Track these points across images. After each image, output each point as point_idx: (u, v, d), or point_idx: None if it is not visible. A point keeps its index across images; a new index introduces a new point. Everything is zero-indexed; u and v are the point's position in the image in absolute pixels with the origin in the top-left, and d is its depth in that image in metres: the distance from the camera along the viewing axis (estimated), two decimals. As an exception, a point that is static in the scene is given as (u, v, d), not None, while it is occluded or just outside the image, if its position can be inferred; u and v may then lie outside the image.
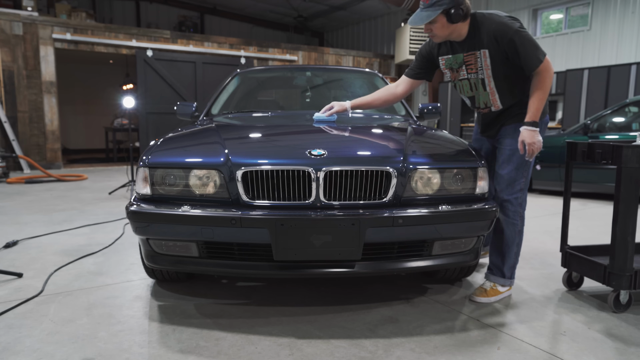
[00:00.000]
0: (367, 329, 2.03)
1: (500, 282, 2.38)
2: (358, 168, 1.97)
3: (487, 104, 2.32)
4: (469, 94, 2.36)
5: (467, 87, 2.35)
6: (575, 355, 1.82)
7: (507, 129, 2.31)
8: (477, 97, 2.35)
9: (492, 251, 2.42)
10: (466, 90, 2.36)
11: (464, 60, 2.28)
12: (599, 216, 4.64)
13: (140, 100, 8.99)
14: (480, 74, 2.25)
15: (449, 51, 2.32)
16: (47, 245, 3.37)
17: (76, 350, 1.81)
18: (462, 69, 2.31)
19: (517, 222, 2.32)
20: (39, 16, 8.36)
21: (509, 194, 2.28)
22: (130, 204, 2.06)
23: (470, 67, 2.27)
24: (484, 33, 2.17)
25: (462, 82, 2.35)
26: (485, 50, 2.19)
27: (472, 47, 2.22)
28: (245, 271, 2.02)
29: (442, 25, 2.16)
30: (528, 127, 2.14)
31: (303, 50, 11.00)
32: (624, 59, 8.23)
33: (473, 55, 2.24)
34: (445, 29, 2.17)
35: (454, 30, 2.19)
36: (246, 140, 2.37)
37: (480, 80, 2.27)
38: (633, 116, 5.63)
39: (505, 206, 2.30)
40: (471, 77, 2.30)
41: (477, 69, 2.25)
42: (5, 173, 7.04)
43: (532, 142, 2.12)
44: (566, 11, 9.33)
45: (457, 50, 2.29)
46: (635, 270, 2.17)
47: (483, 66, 2.23)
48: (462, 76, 2.34)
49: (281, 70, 4.10)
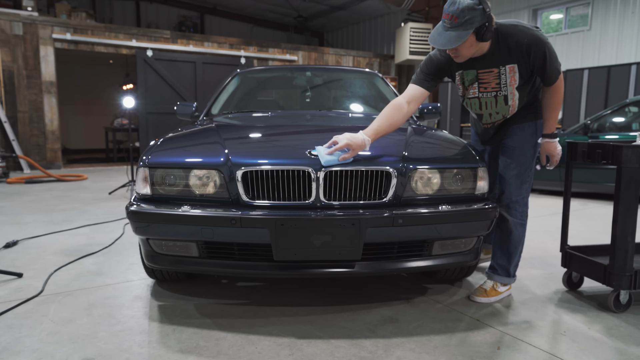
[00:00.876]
0: (367, 329, 2.03)
1: (504, 281, 2.37)
2: (358, 168, 1.97)
3: (506, 115, 2.23)
4: (478, 111, 2.27)
5: (477, 106, 2.23)
6: (575, 355, 1.82)
7: (514, 129, 2.27)
8: (491, 115, 2.23)
9: (498, 251, 2.38)
10: (476, 108, 2.26)
11: (477, 77, 2.15)
12: (599, 216, 4.64)
13: (140, 100, 8.99)
14: (504, 91, 2.12)
15: (462, 65, 2.16)
16: (47, 245, 3.37)
17: (76, 350, 1.81)
18: (473, 86, 2.17)
19: (525, 222, 2.32)
20: (39, 16, 8.36)
21: (518, 195, 2.28)
22: (130, 204, 2.06)
23: (485, 85, 2.14)
24: (513, 46, 2.02)
25: (472, 101, 2.24)
26: (513, 65, 2.06)
27: (493, 63, 2.08)
28: (245, 271, 2.02)
29: (471, 44, 1.98)
30: (550, 140, 2.20)
31: (303, 50, 11.00)
32: (624, 59, 8.23)
33: (491, 73, 2.10)
34: (473, 48, 2.00)
35: (479, 49, 2.03)
36: (246, 140, 2.37)
37: (502, 97, 2.14)
38: (633, 116, 5.63)
39: (514, 207, 2.28)
40: (484, 95, 2.17)
41: (500, 86, 2.12)
42: (5, 173, 7.04)
43: (557, 153, 2.20)
44: (566, 11, 9.33)
45: (470, 66, 2.13)
46: (635, 270, 2.17)
47: (507, 83, 2.10)
48: (471, 94, 2.21)
49: (281, 70, 4.10)
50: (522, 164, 2.26)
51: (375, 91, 3.64)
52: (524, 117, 2.26)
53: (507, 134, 2.30)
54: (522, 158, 2.25)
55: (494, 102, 2.18)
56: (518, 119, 2.27)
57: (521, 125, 2.26)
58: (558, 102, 2.14)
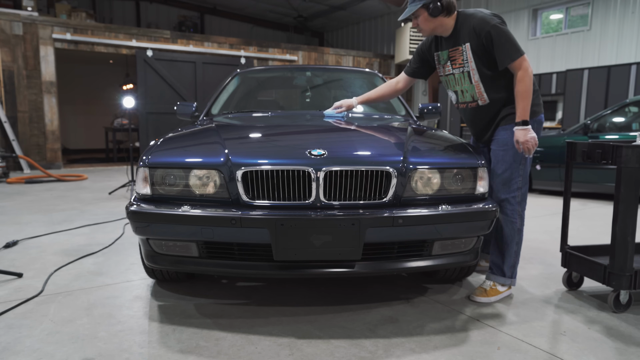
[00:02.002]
0: (367, 329, 2.03)
1: (500, 281, 2.38)
2: (358, 168, 1.97)
3: (474, 97, 2.39)
4: (454, 87, 2.47)
5: (453, 82, 2.46)
6: (575, 355, 1.82)
7: (499, 131, 2.37)
8: (463, 92, 2.43)
9: (493, 250, 2.43)
10: (452, 85, 2.48)
11: (448, 56, 2.41)
12: (599, 216, 4.64)
13: (140, 100, 8.99)
14: (466, 67, 2.35)
15: (438, 48, 2.47)
16: (47, 245, 3.37)
17: (76, 350, 1.81)
18: (447, 64, 2.44)
19: (516, 221, 2.34)
20: (39, 16, 8.36)
21: (506, 193, 2.33)
22: (130, 204, 2.06)
23: (455, 62, 2.39)
24: (466, 27, 2.29)
25: (448, 77, 2.47)
26: (467, 43, 2.30)
27: (456, 42, 2.35)
28: (245, 271, 2.02)
29: (425, 19, 2.30)
30: (519, 127, 2.22)
31: (303, 50, 11.00)
32: (624, 59, 8.23)
33: (457, 51, 2.36)
34: (429, 22, 2.31)
35: (438, 25, 2.32)
36: (246, 140, 2.37)
37: (466, 73, 2.36)
38: (633, 116, 5.63)
39: (503, 205, 2.34)
40: (456, 71, 2.41)
41: (463, 63, 2.35)
42: (5, 173, 7.04)
43: (526, 140, 2.20)
44: (566, 11, 9.33)
45: (444, 47, 2.43)
46: (635, 270, 2.17)
47: (468, 59, 2.33)
48: (447, 71, 2.46)
49: (281, 70, 4.10)
50: (507, 164, 2.31)
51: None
52: (506, 118, 2.34)
53: (494, 135, 2.40)
54: (507, 157, 2.31)
55: (461, 77, 2.40)
56: (502, 119, 2.36)
57: (504, 126, 2.35)
58: (524, 91, 2.20)
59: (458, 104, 2.51)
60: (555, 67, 9.19)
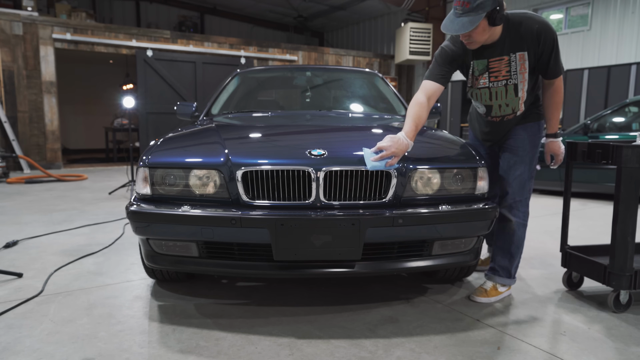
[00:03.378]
0: (367, 329, 2.03)
1: (503, 282, 2.37)
2: (358, 168, 1.97)
3: (515, 110, 2.20)
4: (487, 102, 2.23)
5: (487, 96, 2.21)
6: (575, 355, 1.82)
7: (517, 129, 2.29)
8: (501, 106, 2.21)
9: (499, 253, 2.37)
10: (485, 99, 2.22)
11: (487, 66, 2.14)
12: (599, 216, 4.64)
13: (140, 100, 8.99)
14: (514, 79, 2.12)
15: (473, 55, 2.16)
16: (47, 245, 3.37)
17: (76, 350, 1.81)
18: (483, 76, 2.16)
19: (527, 223, 2.34)
20: (39, 16, 8.36)
21: (521, 195, 2.29)
22: (130, 204, 2.06)
23: (495, 74, 2.14)
24: (523, 33, 2.03)
25: (482, 91, 2.21)
26: (523, 52, 2.07)
27: (503, 51, 2.09)
28: (245, 271, 2.02)
29: (483, 29, 1.98)
30: (554, 139, 2.23)
31: (303, 50, 11.00)
32: (624, 59, 8.23)
33: (502, 61, 2.10)
34: (485, 33, 2.00)
35: (491, 34, 2.03)
36: (246, 140, 2.37)
37: (512, 85, 2.13)
38: (633, 116, 5.63)
39: (517, 207, 2.29)
40: (494, 85, 2.16)
41: (510, 74, 2.11)
42: (5, 173, 7.04)
43: (561, 152, 2.23)
44: (566, 11, 9.33)
45: (481, 56, 2.13)
46: (635, 270, 2.17)
47: (518, 70, 2.09)
48: (481, 84, 2.19)
49: (281, 70, 4.10)
50: (526, 164, 2.27)
51: (375, 91, 3.64)
52: (526, 117, 2.28)
53: (511, 134, 2.31)
54: (526, 158, 2.27)
55: (504, 91, 2.16)
56: (521, 119, 2.28)
57: (524, 125, 2.28)
58: (559, 102, 2.18)
59: (490, 117, 2.27)
60: (555, 67, 9.19)
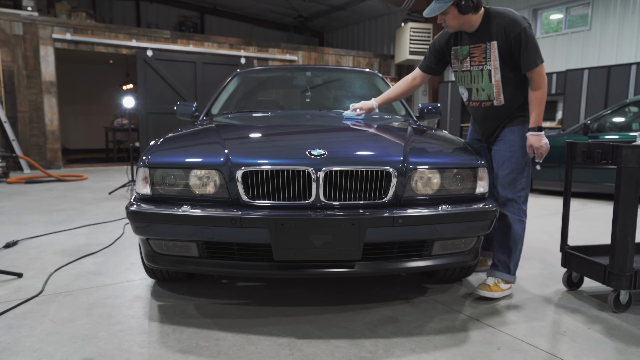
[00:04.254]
0: (367, 329, 2.03)
1: (505, 277, 2.40)
2: (358, 168, 1.97)
3: (490, 97, 2.38)
4: (468, 85, 2.45)
5: (468, 79, 2.44)
6: (575, 355, 1.82)
7: (506, 131, 2.40)
8: (479, 90, 2.41)
9: (498, 248, 2.44)
10: (467, 82, 2.45)
11: (469, 51, 2.38)
12: (599, 216, 4.64)
13: (140, 100, 8.99)
14: (488, 65, 2.33)
15: (457, 42, 2.44)
16: (47, 245, 3.37)
17: (76, 350, 1.81)
18: (466, 60, 2.41)
19: (524, 218, 2.40)
20: (39, 16, 8.36)
21: (513, 193, 2.37)
22: (130, 204, 2.06)
23: (474, 59, 2.37)
24: (494, 25, 2.27)
25: (464, 74, 2.45)
26: (494, 42, 2.28)
27: (480, 39, 2.33)
28: (245, 271, 2.02)
29: (454, 16, 2.27)
30: (534, 133, 2.28)
31: (303, 50, 11.00)
32: (624, 59, 8.23)
33: (479, 47, 2.34)
34: (457, 19, 2.28)
35: (466, 21, 2.29)
36: (246, 140, 2.37)
37: (487, 71, 2.34)
38: (633, 116, 5.63)
39: (510, 204, 2.38)
40: (473, 69, 2.39)
41: (485, 60, 2.33)
42: (5, 173, 7.04)
43: (540, 145, 2.27)
44: (566, 11, 9.32)
45: (465, 42, 2.39)
46: (635, 270, 2.17)
47: (491, 57, 2.31)
48: (464, 67, 2.43)
49: (281, 70, 4.10)
50: (514, 164, 2.36)
51: (375, 91, 3.63)
52: (514, 119, 2.38)
53: (499, 136, 2.43)
54: (513, 159, 2.36)
55: (480, 76, 2.38)
56: (509, 121, 2.39)
57: (511, 128, 2.39)
58: (540, 97, 2.27)
59: (470, 101, 2.49)
60: (555, 67, 9.19)
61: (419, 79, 2.66)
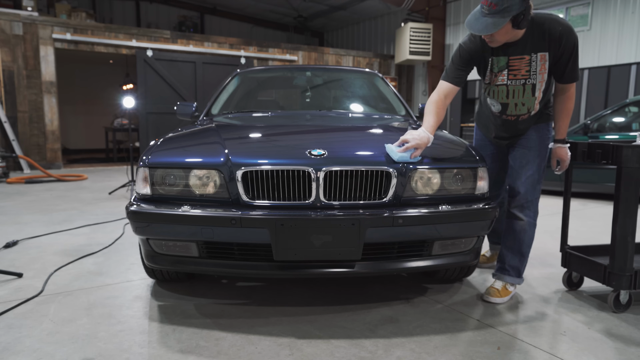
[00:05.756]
0: (367, 329, 2.03)
1: (514, 281, 2.38)
2: (358, 168, 1.97)
3: (530, 110, 2.22)
4: (503, 100, 2.24)
5: (504, 93, 2.22)
6: (575, 355, 1.82)
7: (531, 131, 2.32)
8: (517, 105, 2.22)
9: (509, 253, 2.38)
10: (502, 97, 2.24)
11: (507, 64, 2.15)
12: (599, 216, 4.64)
13: (140, 100, 8.99)
14: (533, 79, 2.14)
15: (494, 52, 2.17)
16: (47, 245, 3.37)
17: (76, 350, 1.81)
18: (502, 73, 2.17)
19: (536, 222, 2.37)
20: (39, 16, 8.36)
21: (533, 195, 2.31)
22: (130, 204, 2.06)
23: (514, 72, 2.15)
24: (545, 33, 2.05)
25: (499, 88, 2.22)
26: (545, 53, 2.08)
27: (525, 50, 2.10)
28: (245, 271, 2.02)
29: (507, 31, 2.00)
30: (562, 145, 2.25)
31: (303, 50, 11.00)
32: (624, 59, 8.23)
33: (522, 60, 2.11)
34: (509, 34, 2.03)
35: (514, 35, 2.05)
36: (246, 140, 2.37)
37: (530, 85, 2.15)
38: (633, 116, 5.63)
39: (528, 207, 2.32)
40: (513, 83, 2.18)
41: (530, 73, 2.13)
42: (5, 173, 7.04)
43: (566, 158, 2.24)
44: (566, 11, 9.32)
45: (501, 53, 2.14)
46: (635, 270, 2.17)
47: (537, 70, 2.12)
48: (500, 81, 2.20)
49: (281, 70, 4.10)
50: (538, 164, 2.30)
51: (375, 91, 3.64)
52: (539, 117, 2.31)
53: (523, 135, 2.34)
54: (537, 158, 2.30)
55: (521, 90, 2.17)
56: (533, 119, 2.31)
57: (537, 125, 2.31)
58: (570, 109, 2.21)
59: (504, 115, 2.28)
60: (555, 67, 9.19)
61: (450, 95, 2.25)
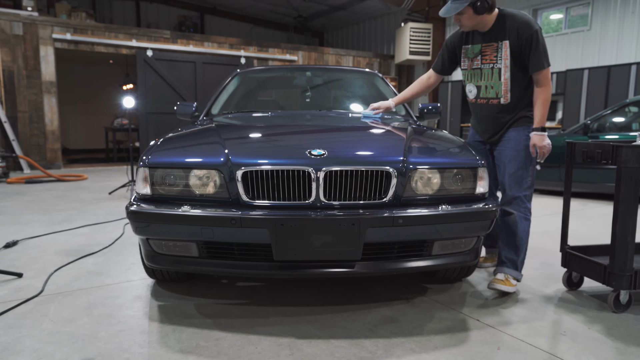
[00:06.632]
0: (367, 329, 2.03)
1: (513, 274, 2.44)
2: (358, 168, 1.97)
3: (498, 94, 2.45)
4: (478, 82, 2.52)
5: (478, 76, 2.51)
6: (575, 355, 1.82)
7: (511, 131, 2.45)
8: (487, 87, 2.48)
9: (505, 247, 2.48)
10: (476, 79, 2.53)
11: (481, 50, 2.47)
12: (599, 216, 4.64)
13: (140, 100, 8.99)
14: (499, 63, 2.41)
15: (469, 41, 2.52)
16: (47, 245, 3.37)
17: (76, 350, 1.81)
18: (477, 58, 2.49)
19: (529, 217, 2.46)
20: (39, 16, 8.36)
21: (518, 192, 2.42)
22: (130, 204, 2.06)
23: (486, 57, 2.45)
24: (508, 26, 2.36)
25: (474, 71, 2.53)
26: (506, 41, 2.37)
27: (493, 38, 2.41)
28: (245, 271, 2.02)
29: (469, 16, 2.35)
30: (537, 133, 2.33)
31: (303, 50, 11.00)
32: (624, 59, 8.23)
33: (491, 46, 2.43)
34: (472, 19, 2.37)
35: (480, 21, 2.38)
36: (246, 140, 2.37)
37: (497, 69, 2.42)
38: (633, 116, 5.63)
39: (516, 202, 2.43)
40: (484, 66, 2.47)
41: (496, 59, 2.41)
42: (5, 173, 7.04)
43: (543, 145, 2.31)
44: (566, 11, 9.32)
45: (477, 41, 2.48)
46: (635, 270, 2.17)
47: (502, 56, 2.39)
48: (475, 65, 2.52)
49: (281, 70, 4.10)
50: (520, 163, 2.41)
51: (375, 91, 3.64)
52: (520, 120, 2.43)
53: (503, 136, 2.48)
54: (519, 157, 2.41)
55: (490, 73, 2.46)
56: (514, 121, 2.44)
57: (517, 128, 2.43)
58: (545, 99, 2.34)
59: (477, 98, 2.54)
60: (555, 67, 9.18)
61: (433, 78, 2.76)
